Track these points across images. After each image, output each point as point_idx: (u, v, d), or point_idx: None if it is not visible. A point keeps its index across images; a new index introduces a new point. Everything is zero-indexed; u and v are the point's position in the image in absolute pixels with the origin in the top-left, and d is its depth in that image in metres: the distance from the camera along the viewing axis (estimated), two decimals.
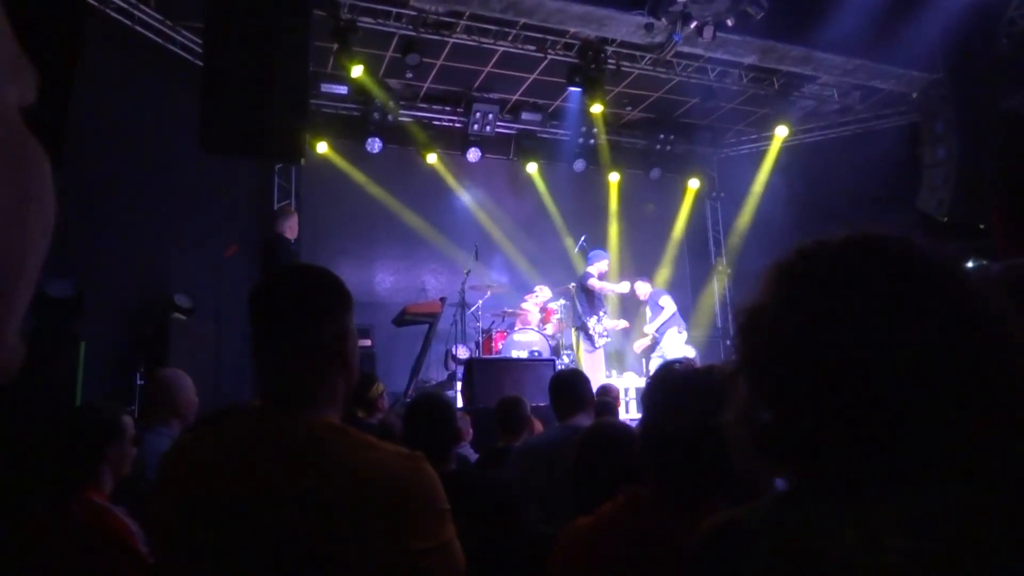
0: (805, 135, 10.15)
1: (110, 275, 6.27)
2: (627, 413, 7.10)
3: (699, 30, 6.79)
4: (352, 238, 9.34)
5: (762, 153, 10.46)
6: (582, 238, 8.81)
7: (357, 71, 7.74)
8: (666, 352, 7.73)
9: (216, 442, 1.22)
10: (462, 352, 7.94)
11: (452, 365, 8.07)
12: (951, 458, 0.67)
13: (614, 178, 10.65)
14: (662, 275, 10.71)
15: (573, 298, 7.98)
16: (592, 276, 7.77)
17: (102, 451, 2.05)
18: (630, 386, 8.08)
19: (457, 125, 9.87)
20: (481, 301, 8.38)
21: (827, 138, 10.03)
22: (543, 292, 8.32)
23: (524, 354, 7.45)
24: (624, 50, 8.36)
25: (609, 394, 4.88)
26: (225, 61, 4.78)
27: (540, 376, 5.85)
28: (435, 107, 9.74)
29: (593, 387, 3.53)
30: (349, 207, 9.28)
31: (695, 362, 2.33)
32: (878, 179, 8.37)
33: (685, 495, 1.31)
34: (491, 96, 9.66)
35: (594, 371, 7.30)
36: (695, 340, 9.78)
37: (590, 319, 7.71)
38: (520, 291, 8.84)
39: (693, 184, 11.19)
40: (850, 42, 7.34)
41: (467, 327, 8.15)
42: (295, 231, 6.29)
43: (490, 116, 9.62)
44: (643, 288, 8.22)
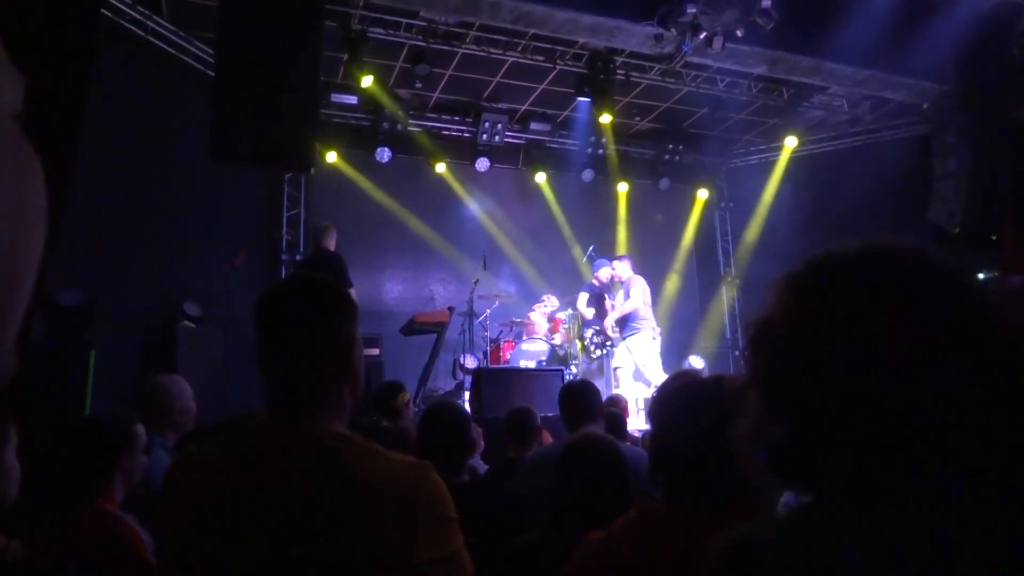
0: (814, 146, 10.11)
1: (120, 283, 6.29)
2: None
3: (708, 41, 6.79)
4: (361, 247, 9.34)
5: (771, 163, 10.44)
6: (590, 248, 8.81)
7: (367, 81, 7.79)
8: (637, 362, 7.10)
9: (224, 452, 1.22)
10: (470, 362, 7.93)
11: (460, 374, 8.06)
12: (969, 476, 0.65)
13: (623, 188, 10.64)
14: (670, 285, 10.68)
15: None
16: (593, 283, 7.80)
17: (117, 460, 2.04)
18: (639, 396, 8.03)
19: (466, 135, 9.90)
20: (489, 310, 8.37)
21: (837, 149, 9.96)
22: (551, 302, 8.31)
23: (532, 364, 7.43)
24: (633, 60, 8.36)
25: (617, 405, 4.85)
26: (236, 71, 4.81)
27: (548, 386, 5.83)
28: (444, 117, 9.77)
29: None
30: (358, 216, 9.29)
31: (703, 372, 2.32)
32: (888, 190, 8.31)
33: (696, 510, 1.29)
34: (500, 106, 9.68)
35: (600, 381, 7.29)
36: (704, 351, 9.73)
37: (587, 331, 7.70)
38: (528, 301, 8.82)
39: (702, 194, 11.18)
40: (860, 53, 7.31)
41: (475, 336, 8.14)
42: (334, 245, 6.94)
43: (499, 126, 9.63)
44: (622, 267, 7.57)
